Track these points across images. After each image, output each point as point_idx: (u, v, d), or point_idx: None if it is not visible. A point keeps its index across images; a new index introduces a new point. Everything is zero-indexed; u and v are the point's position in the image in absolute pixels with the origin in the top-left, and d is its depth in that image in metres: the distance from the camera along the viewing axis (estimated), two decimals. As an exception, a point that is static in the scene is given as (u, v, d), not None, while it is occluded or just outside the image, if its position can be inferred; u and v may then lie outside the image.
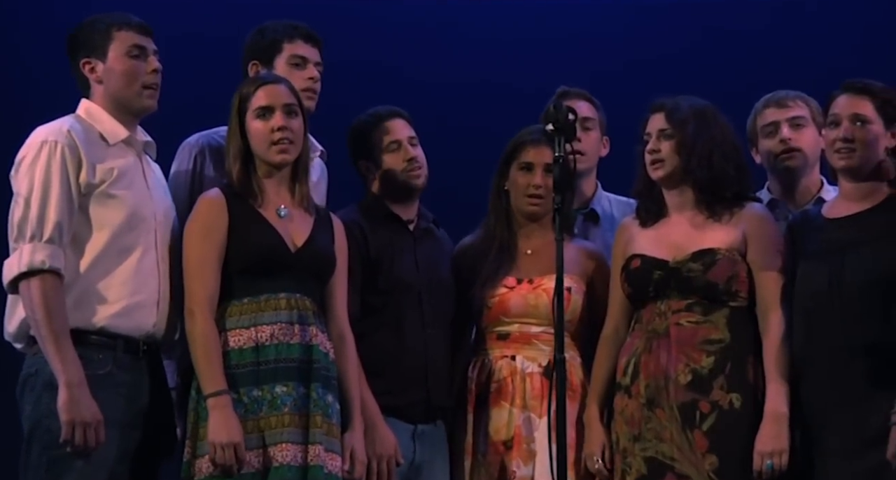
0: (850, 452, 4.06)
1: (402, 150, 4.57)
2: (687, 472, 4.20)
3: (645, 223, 4.44)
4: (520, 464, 4.41)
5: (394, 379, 4.43)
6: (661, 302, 4.32)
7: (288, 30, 4.62)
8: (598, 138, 4.95)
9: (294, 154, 4.23)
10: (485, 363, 4.53)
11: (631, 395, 4.31)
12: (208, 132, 4.57)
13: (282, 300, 4.14)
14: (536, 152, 4.55)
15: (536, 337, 4.49)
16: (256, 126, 4.21)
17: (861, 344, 4.07)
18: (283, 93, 4.24)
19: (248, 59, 4.62)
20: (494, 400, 4.47)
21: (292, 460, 4.02)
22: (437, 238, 4.68)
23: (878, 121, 4.19)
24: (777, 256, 4.32)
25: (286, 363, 4.09)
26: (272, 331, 4.10)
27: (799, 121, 4.70)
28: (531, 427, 4.42)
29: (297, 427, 4.05)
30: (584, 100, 4.93)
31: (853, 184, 4.24)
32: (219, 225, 4.16)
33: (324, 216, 4.33)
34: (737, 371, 4.24)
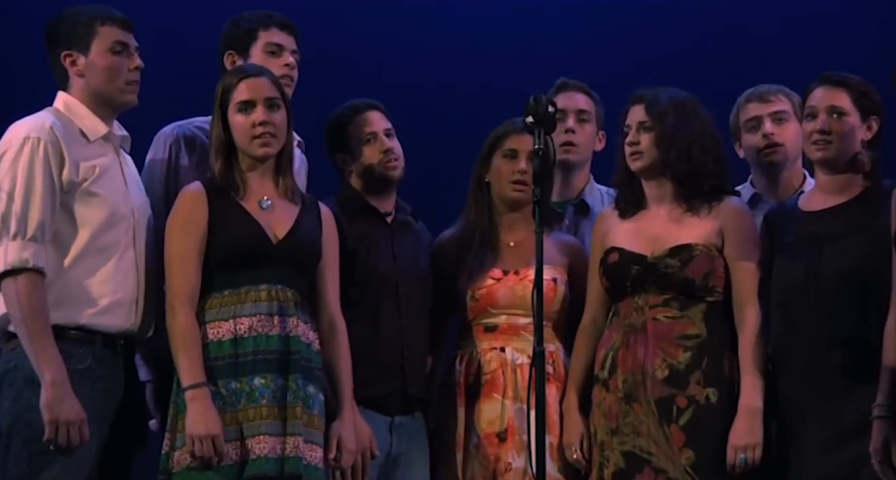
0: (828, 445, 4.08)
1: (379, 142, 4.57)
2: (664, 466, 4.21)
3: (624, 214, 4.45)
4: (514, 456, 4.42)
5: (370, 369, 4.42)
6: (639, 296, 4.33)
7: (263, 18, 4.61)
8: (593, 131, 4.94)
9: (277, 147, 4.22)
10: (472, 356, 4.53)
11: (609, 389, 4.32)
12: (184, 122, 4.56)
13: (262, 291, 4.13)
14: (520, 139, 4.54)
15: (524, 329, 4.49)
16: (238, 120, 4.20)
17: (838, 338, 4.09)
18: (266, 86, 4.23)
19: (224, 49, 4.62)
20: (486, 392, 4.47)
21: (270, 451, 4.02)
22: (414, 230, 4.68)
23: (854, 114, 4.21)
24: (754, 251, 4.33)
25: (264, 355, 4.08)
26: (251, 323, 4.10)
27: (781, 115, 4.70)
28: (524, 418, 4.42)
29: (276, 418, 4.05)
30: (581, 92, 4.93)
31: (829, 177, 4.26)
32: (199, 218, 4.16)
33: (311, 205, 4.32)
34: (713, 366, 4.26)
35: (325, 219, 4.33)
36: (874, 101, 4.22)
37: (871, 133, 4.23)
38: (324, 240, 4.30)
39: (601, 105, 4.97)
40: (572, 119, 4.88)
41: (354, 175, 4.61)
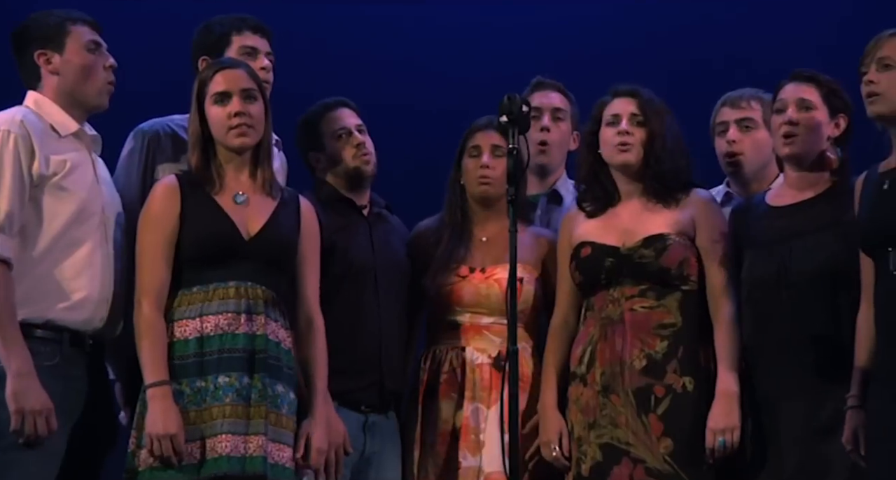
0: (800, 441, 4.12)
1: (351, 138, 4.59)
2: (642, 456, 4.24)
3: (593, 212, 4.47)
4: (466, 455, 4.43)
5: (349, 361, 4.43)
6: (614, 288, 4.35)
7: (235, 22, 4.62)
8: (568, 130, 4.97)
9: (254, 138, 4.20)
10: (436, 354, 4.55)
11: (586, 383, 4.34)
12: (161, 119, 4.56)
13: (231, 289, 4.10)
14: (483, 135, 4.59)
15: (487, 328, 4.51)
16: (214, 111, 4.19)
17: (810, 335, 4.13)
18: (242, 77, 4.22)
19: (198, 54, 4.60)
20: (444, 391, 4.49)
21: (232, 451, 3.99)
22: (390, 222, 4.71)
23: (822, 109, 4.27)
24: (725, 240, 4.37)
25: (230, 353, 4.06)
26: (217, 322, 4.07)
27: (748, 123, 4.71)
28: (479, 417, 4.44)
29: (239, 417, 4.02)
30: (556, 91, 4.96)
31: (797, 173, 4.30)
32: (170, 213, 4.14)
33: (290, 199, 4.29)
34: (689, 354, 4.29)
35: (306, 213, 4.31)
36: (843, 100, 4.28)
37: (838, 130, 4.28)
38: (303, 235, 4.28)
39: (576, 104, 5.00)
40: (547, 117, 4.92)
41: (328, 173, 4.63)
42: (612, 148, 4.42)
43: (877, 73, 3.92)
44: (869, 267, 4.00)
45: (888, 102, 3.92)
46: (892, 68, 3.91)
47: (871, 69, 3.93)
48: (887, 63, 3.91)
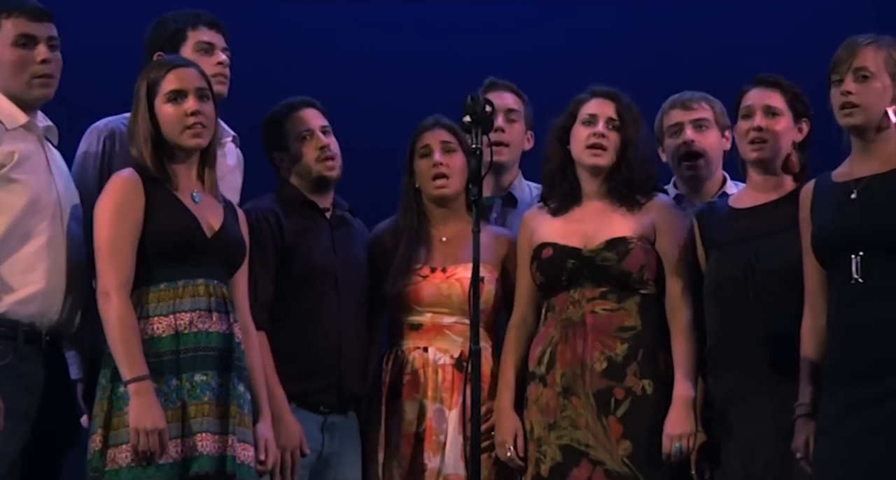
0: (766, 439, 4.15)
1: (315, 139, 4.56)
2: (602, 458, 4.26)
3: (556, 211, 4.48)
4: (430, 456, 4.43)
5: (308, 363, 4.42)
6: (575, 290, 4.37)
7: (190, 18, 4.57)
8: (522, 130, 4.98)
9: (207, 138, 4.16)
10: (398, 355, 4.54)
11: (546, 384, 4.35)
12: (117, 117, 4.49)
13: (200, 286, 4.07)
14: (431, 134, 4.59)
15: (449, 328, 4.51)
16: (168, 110, 4.13)
17: (775, 334, 4.16)
18: (195, 76, 4.18)
19: (152, 50, 4.55)
20: (407, 392, 4.48)
21: (212, 450, 3.98)
22: (352, 225, 4.69)
23: (787, 114, 4.31)
24: (684, 246, 4.41)
25: (205, 351, 4.03)
26: (191, 319, 4.03)
27: (702, 123, 4.77)
28: (442, 419, 4.44)
29: (217, 416, 4.00)
30: (509, 92, 4.96)
31: (762, 176, 4.34)
32: (134, 205, 4.06)
33: (229, 206, 4.27)
34: (648, 357, 4.32)
35: (242, 222, 4.29)
36: (805, 104, 4.32)
37: (801, 135, 4.33)
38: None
39: (529, 104, 5.01)
40: (501, 118, 4.91)
41: (292, 172, 4.60)
42: (585, 148, 4.43)
43: (854, 83, 3.94)
44: (816, 274, 4.03)
45: (865, 114, 3.94)
46: (869, 79, 3.93)
47: (848, 79, 3.94)
48: (865, 74, 3.93)
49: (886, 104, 3.93)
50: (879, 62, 3.93)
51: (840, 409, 3.89)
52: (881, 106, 3.93)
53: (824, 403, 3.95)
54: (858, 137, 3.99)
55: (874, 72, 3.93)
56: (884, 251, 3.87)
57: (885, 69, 3.93)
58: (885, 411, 3.82)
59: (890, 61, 3.94)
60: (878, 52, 3.94)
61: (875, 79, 3.93)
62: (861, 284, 3.90)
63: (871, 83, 3.93)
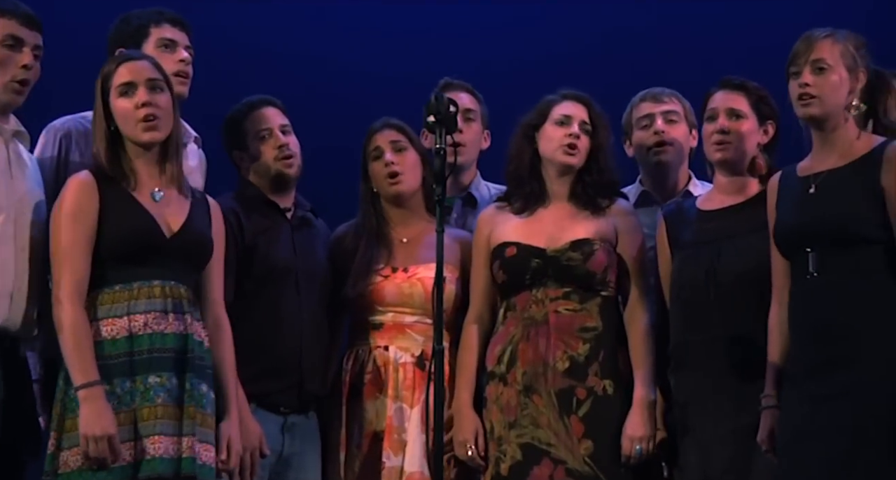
0: (725, 440, 4.18)
1: (273, 138, 4.55)
2: (563, 457, 4.28)
3: (520, 210, 4.49)
4: (390, 455, 4.43)
5: (268, 363, 4.40)
6: (538, 289, 4.39)
7: (153, 15, 4.55)
8: (479, 130, 5.00)
9: (163, 131, 4.09)
10: (359, 354, 4.54)
11: (507, 383, 4.37)
12: (74, 116, 4.47)
13: (156, 288, 4.03)
14: (380, 136, 4.61)
15: (410, 327, 4.52)
16: (120, 104, 4.08)
17: (737, 335, 4.21)
18: (146, 68, 4.12)
19: (114, 47, 4.52)
20: (368, 391, 4.48)
21: (165, 452, 3.94)
22: (314, 226, 4.68)
23: (752, 117, 4.35)
24: (644, 249, 4.46)
25: (160, 353, 3.99)
26: (146, 320, 3.99)
27: (672, 116, 4.83)
28: (403, 417, 4.44)
29: (171, 418, 3.96)
30: (465, 91, 4.97)
31: (728, 178, 4.39)
32: (89, 208, 4.02)
33: (200, 199, 4.23)
34: (609, 358, 4.36)
35: (215, 214, 4.24)
36: (771, 107, 4.37)
37: (767, 137, 4.38)
38: (213, 235, 4.20)
39: (485, 104, 5.02)
40: (459, 118, 4.89)
41: (252, 172, 4.59)
42: (559, 147, 4.46)
43: (811, 75, 3.98)
44: (781, 268, 4.08)
45: (823, 105, 3.98)
46: (826, 71, 3.98)
47: (805, 71, 3.99)
48: (822, 66, 3.98)
49: (843, 96, 3.98)
50: (836, 55, 3.98)
51: (798, 403, 3.95)
52: (838, 98, 3.97)
53: (785, 396, 4.01)
54: (817, 130, 4.04)
55: (831, 64, 3.97)
56: (836, 246, 3.93)
57: (842, 62, 3.98)
58: (835, 407, 3.87)
59: (847, 54, 3.99)
60: (835, 44, 3.99)
61: (832, 71, 3.97)
62: (816, 279, 3.95)
63: (829, 75, 3.97)
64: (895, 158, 3.90)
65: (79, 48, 4.91)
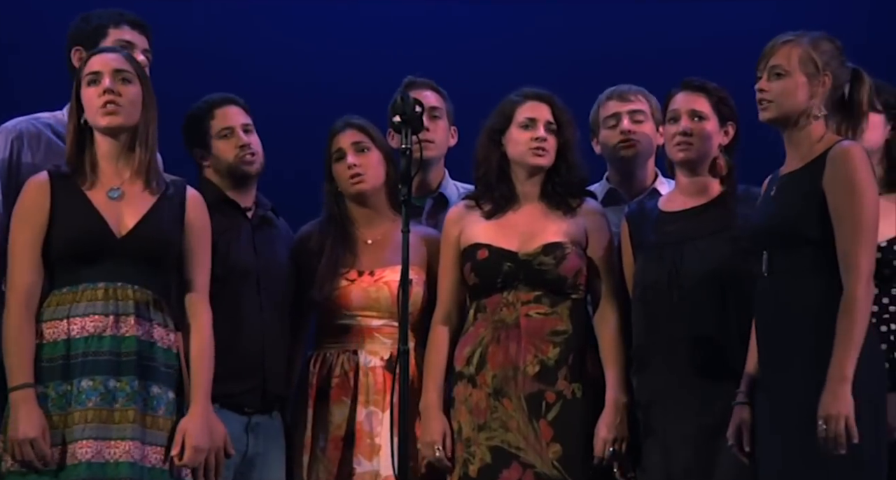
0: (689, 439, 4.19)
1: (235, 137, 4.52)
2: (532, 461, 4.27)
3: (491, 213, 4.47)
4: (361, 460, 4.41)
5: (230, 364, 4.34)
6: (509, 292, 4.38)
7: (114, 16, 4.52)
8: (445, 127, 4.96)
9: (124, 119, 4.04)
10: (326, 357, 4.51)
11: (476, 385, 4.35)
12: (27, 117, 4.42)
13: (99, 290, 3.98)
14: (342, 136, 4.58)
15: (378, 331, 4.49)
16: (86, 94, 4.06)
17: (698, 336, 4.22)
18: (116, 59, 4.10)
19: (72, 45, 4.49)
20: (335, 395, 4.46)
21: (93, 457, 3.89)
22: (275, 226, 4.65)
23: (713, 118, 4.36)
24: (612, 250, 4.47)
25: (95, 356, 3.94)
26: (83, 324, 3.96)
27: (638, 116, 4.83)
28: (374, 421, 4.42)
29: (103, 422, 3.91)
30: (430, 89, 4.94)
31: (689, 179, 4.39)
32: (38, 210, 4.01)
33: (175, 193, 4.14)
34: (578, 361, 4.35)
35: (192, 206, 4.15)
36: (731, 108, 4.39)
37: (727, 138, 4.39)
38: (188, 229, 4.12)
39: (450, 101, 5.00)
40: (425, 116, 4.86)
41: (212, 170, 4.56)
42: (527, 150, 4.44)
43: (768, 81, 4.00)
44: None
45: (778, 109, 3.99)
46: (783, 77, 3.98)
47: (764, 76, 4.01)
48: (779, 72, 3.99)
49: (801, 101, 3.98)
50: (794, 60, 3.98)
51: (757, 401, 4.01)
52: (793, 103, 3.98)
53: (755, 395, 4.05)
54: (782, 133, 4.06)
55: (788, 70, 3.98)
56: (783, 247, 3.96)
57: (800, 67, 3.98)
58: (774, 407, 3.91)
59: (807, 59, 3.98)
60: (795, 49, 3.99)
61: (788, 76, 3.98)
62: (766, 279, 3.99)
63: (784, 80, 3.98)
64: (837, 158, 3.90)
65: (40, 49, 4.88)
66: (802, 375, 3.85)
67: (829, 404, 3.74)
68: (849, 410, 3.73)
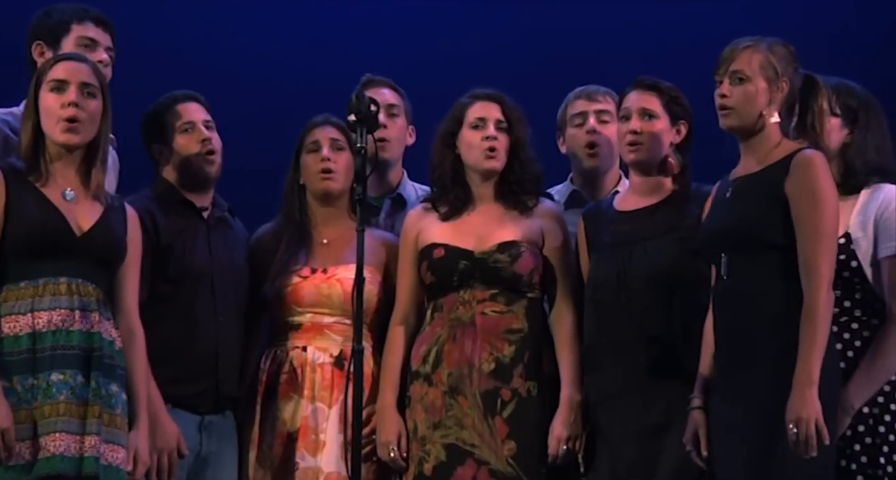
0: (633, 438, 4.22)
1: (196, 132, 4.51)
2: (486, 458, 4.29)
3: (448, 215, 4.48)
4: (304, 455, 4.41)
5: (183, 367, 4.37)
6: (465, 291, 4.39)
7: (77, 12, 4.48)
8: (403, 125, 4.97)
9: (84, 137, 4.04)
10: (277, 354, 4.51)
11: (432, 383, 4.37)
12: None
13: (62, 285, 3.97)
14: (320, 130, 4.59)
15: (329, 328, 4.49)
16: (48, 100, 4.03)
17: (645, 337, 4.24)
18: (84, 70, 4.07)
19: (33, 39, 4.45)
20: (284, 391, 4.46)
21: (65, 450, 3.87)
22: (231, 226, 4.63)
23: (664, 117, 4.37)
24: (569, 250, 4.48)
25: (64, 350, 3.93)
26: (50, 318, 3.94)
27: (605, 116, 4.83)
28: (319, 417, 4.42)
29: (73, 416, 3.91)
30: (388, 87, 4.95)
31: (642, 179, 4.41)
32: None
33: (117, 206, 4.17)
34: (534, 359, 4.36)
35: (131, 221, 4.18)
36: (683, 106, 4.40)
37: (679, 136, 4.40)
38: (130, 240, 4.15)
39: (407, 99, 5.01)
40: (383, 114, 4.88)
41: (170, 167, 4.53)
42: (478, 152, 4.46)
43: (730, 86, 4.02)
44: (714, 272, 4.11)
45: (739, 116, 4.02)
46: (744, 82, 4.01)
47: (725, 81, 4.02)
48: (741, 77, 4.01)
49: (761, 106, 4.01)
50: (755, 66, 4.01)
51: (713, 405, 4.02)
52: (754, 108, 4.00)
53: (710, 398, 4.07)
54: (739, 138, 4.08)
55: (749, 75, 4.01)
56: (743, 250, 3.98)
57: (761, 73, 4.01)
58: (735, 410, 3.93)
59: (766, 65, 4.02)
60: (755, 55, 4.02)
61: (749, 82, 4.01)
62: (725, 282, 4.01)
63: (746, 86, 4.00)
64: (801, 165, 3.93)
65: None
66: (766, 378, 3.88)
67: (798, 407, 3.77)
68: (818, 412, 3.77)
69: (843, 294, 4.04)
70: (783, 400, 3.80)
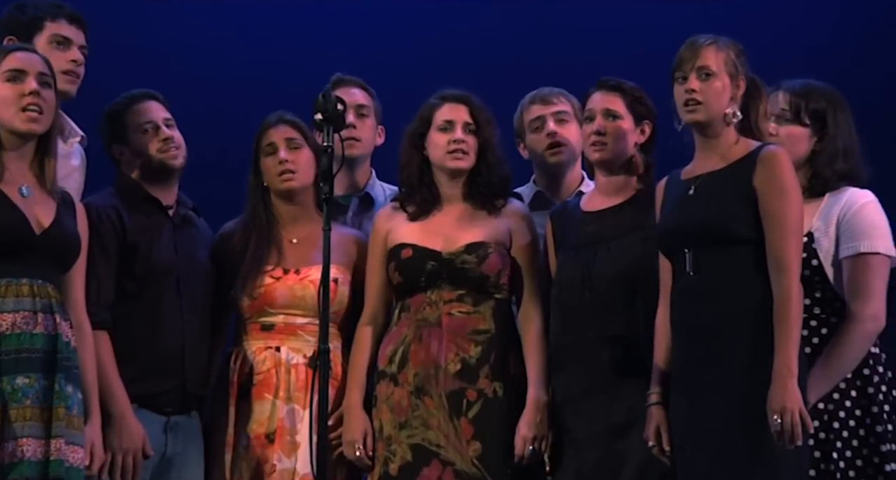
0: (598, 438, 4.23)
1: (158, 132, 4.47)
2: (452, 459, 4.28)
3: (416, 215, 4.48)
4: (281, 457, 4.40)
5: (149, 365, 4.35)
6: (432, 291, 4.39)
7: (51, 9, 4.45)
8: (373, 125, 4.96)
9: (43, 125, 4.01)
10: (247, 354, 4.49)
11: (398, 383, 4.37)
12: None
13: (24, 286, 3.94)
14: (275, 131, 4.57)
15: (302, 329, 4.48)
16: (4, 89, 3.99)
17: (609, 336, 4.25)
18: (38, 61, 4.05)
19: (4, 33, 4.42)
20: (258, 392, 4.44)
21: (33, 455, 3.86)
22: (196, 225, 4.61)
23: (628, 117, 4.39)
24: (537, 251, 4.49)
25: (28, 353, 3.91)
26: (14, 320, 3.91)
27: (563, 116, 4.85)
28: (295, 419, 4.41)
29: (39, 420, 3.89)
30: (358, 87, 4.94)
31: (607, 179, 4.43)
32: None
33: (68, 201, 4.13)
34: (500, 361, 4.36)
35: (80, 217, 4.15)
36: (647, 107, 4.42)
37: (643, 136, 4.42)
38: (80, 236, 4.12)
39: (377, 99, 5.00)
40: (352, 114, 4.87)
41: (133, 167, 4.50)
42: (446, 154, 4.46)
43: (698, 81, 4.04)
44: (667, 269, 4.14)
45: (708, 111, 4.05)
46: (711, 77, 4.04)
47: (692, 77, 4.05)
48: (708, 72, 4.04)
49: (725, 102, 4.05)
50: (720, 62, 4.05)
51: (677, 400, 4.03)
52: (721, 104, 4.04)
53: (671, 395, 4.07)
54: (700, 134, 4.11)
55: (716, 71, 4.04)
56: (710, 246, 4.00)
57: (725, 69, 4.05)
58: (704, 405, 3.94)
59: (729, 62, 4.06)
60: (719, 52, 4.06)
61: (716, 78, 4.04)
62: (691, 278, 4.03)
63: (713, 81, 4.04)
64: (768, 161, 3.97)
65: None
66: (739, 371, 3.89)
67: (780, 398, 3.80)
68: (800, 403, 3.81)
69: (804, 291, 4.05)
70: (758, 392, 3.82)
